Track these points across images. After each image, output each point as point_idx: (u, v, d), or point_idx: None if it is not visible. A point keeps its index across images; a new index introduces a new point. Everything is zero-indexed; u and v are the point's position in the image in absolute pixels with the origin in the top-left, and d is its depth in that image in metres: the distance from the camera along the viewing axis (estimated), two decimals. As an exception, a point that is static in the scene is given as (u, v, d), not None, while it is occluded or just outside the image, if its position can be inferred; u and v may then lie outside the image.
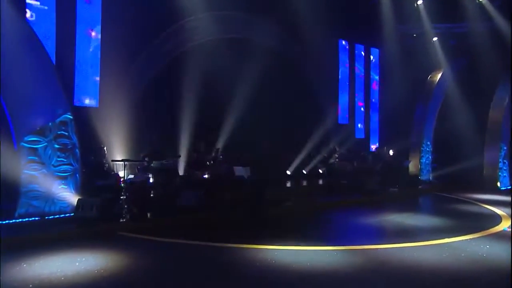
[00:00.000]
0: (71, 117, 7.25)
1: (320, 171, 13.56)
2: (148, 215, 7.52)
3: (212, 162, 9.82)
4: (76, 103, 9.60)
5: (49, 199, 6.89)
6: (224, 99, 11.98)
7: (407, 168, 13.73)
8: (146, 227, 7.00)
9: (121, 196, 7.45)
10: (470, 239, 6.54)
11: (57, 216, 6.89)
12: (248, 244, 5.99)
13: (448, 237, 6.60)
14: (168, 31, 10.92)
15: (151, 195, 8.39)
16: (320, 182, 12.67)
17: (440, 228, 7.46)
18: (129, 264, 5.13)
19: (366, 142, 15.65)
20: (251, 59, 11.87)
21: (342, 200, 10.21)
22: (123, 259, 5.29)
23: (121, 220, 7.07)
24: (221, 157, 10.37)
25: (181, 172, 9.88)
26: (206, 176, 9.57)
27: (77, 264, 5.03)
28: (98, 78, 9.91)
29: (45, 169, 6.87)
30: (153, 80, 10.77)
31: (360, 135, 15.88)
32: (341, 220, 8.40)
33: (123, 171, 7.71)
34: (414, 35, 15.83)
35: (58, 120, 7.07)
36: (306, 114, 14.38)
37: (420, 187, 12.91)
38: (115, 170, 8.11)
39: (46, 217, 6.75)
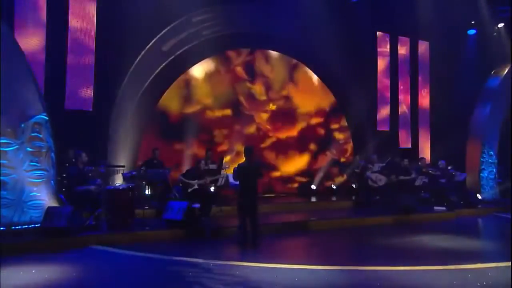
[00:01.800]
0: (46, 118, 7.52)
1: (354, 186, 13.07)
2: (127, 227, 7.58)
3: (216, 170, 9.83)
4: (68, 106, 10.00)
5: (19, 207, 7.12)
6: (231, 101, 12.10)
7: (463, 183, 12.83)
8: (119, 239, 7.09)
9: (100, 205, 7.55)
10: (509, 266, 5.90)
11: (26, 226, 7.09)
12: (220, 260, 5.94)
13: (483, 263, 6.03)
14: (167, 30, 11.13)
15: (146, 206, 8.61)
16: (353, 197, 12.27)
17: (479, 253, 6.90)
18: (78, 277, 5.17)
19: (413, 152, 14.83)
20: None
21: (366, 217, 9.76)
22: (76, 272, 5.35)
23: (94, 231, 7.19)
24: (227, 166, 10.32)
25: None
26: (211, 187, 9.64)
27: (21, 273, 5.18)
28: (92, 80, 10.24)
29: (16, 174, 7.13)
30: (152, 81, 10.99)
31: (405, 143, 15.14)
32: (352, 239, 8.00)
33: (101, 178, 7.83)
34: (472, 22, 15.01)
35: (31, 121, 7.35)
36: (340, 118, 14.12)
37: (479, 206, 11.97)
38: (98, 176, 8.22)
39: (13, 227, 6.97)
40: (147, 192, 9.96)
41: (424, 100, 15.73)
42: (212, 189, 9.86)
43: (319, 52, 13.43)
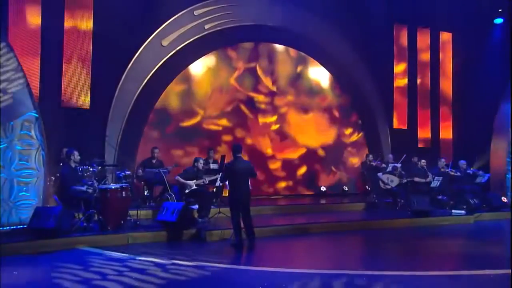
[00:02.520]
0: (36, 115, 7.68)
1: (368, 187, 12.94)
2: (119, 227, 7.73)
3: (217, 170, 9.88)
4: (65, 104, 10.19)
5: (8, 208, 7.30)
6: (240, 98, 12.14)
7: (486, 185, 12.48)
8: (110, 241, 7.22)
9: (92, 205, 7.66)
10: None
11: (14, 227, 7.25)
12: (211, 262, 6.04)
13: (492, 269, 5.87)
14: (167, 24, 11.24)
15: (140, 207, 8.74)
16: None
17: (491, 258, 6.70)
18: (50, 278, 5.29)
19: (434, 151, 14.50)
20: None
21: (374, 220, 9.72)
22: (51, 274, 5.49)
23: (85, 232, 7.34)
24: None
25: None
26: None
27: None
28: (89, 77, 10.40)
29: (4, 173, 7.31)
30: (151, 78, 11.09)
31: (424, 142, 14.85)
32: (352, 242, 7.91)
33: (95, 177, 7.98)
34: (500, 10, 14.61)
35: (21, 118, 7.52)
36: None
37: (503, 209, 11.64)
38: (91, 175, 8.32)
39: (1, 228, 7.13)
40: (146, 192, 10.10)
41: (446, 96, 15.40)
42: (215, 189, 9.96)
43: (330, 47, 13.39)
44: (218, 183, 9.35)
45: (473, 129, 14.40)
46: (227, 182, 7.75)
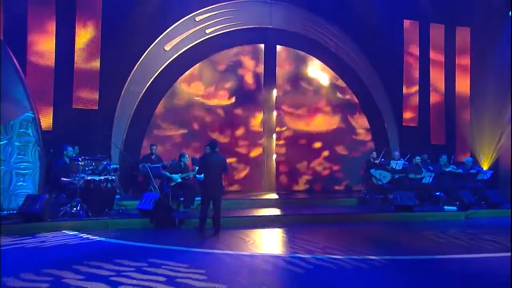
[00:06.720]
0: (33, 115, 8.81)
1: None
2: (103, 215, 8.68)
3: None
4: (75, 105, 11.35)
5: (7, 195, 8.47)
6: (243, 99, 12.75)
7: (489, 182, 12.10)
8: (93, 226, 8.16)
9: (79, 194, 8.64)
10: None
11: (11, 212, 8.40)
12: (174, 246, 6.78)
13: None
14: (170, 30, 12.08)
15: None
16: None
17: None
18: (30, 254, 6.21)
19: (450, 148, 14.14)
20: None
21: (350, 214, 10.00)
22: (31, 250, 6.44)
23: (71, 218, 8.32)
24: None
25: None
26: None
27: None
28: (98, 79, 11.49)
29: (5, 165, 8.49)
30: (155, 81, 12.00)
31: (438, 139, 14.56)
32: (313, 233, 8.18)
33: (87, 170, 8.97)
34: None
35: (19, 118, 8.68)
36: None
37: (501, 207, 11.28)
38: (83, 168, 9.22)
39: (1, 212, 8.29)
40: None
41: (463, 91, 14.98)
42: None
43: (336, 46, 13.59)
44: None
45: (488, 128, 14.07)
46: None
